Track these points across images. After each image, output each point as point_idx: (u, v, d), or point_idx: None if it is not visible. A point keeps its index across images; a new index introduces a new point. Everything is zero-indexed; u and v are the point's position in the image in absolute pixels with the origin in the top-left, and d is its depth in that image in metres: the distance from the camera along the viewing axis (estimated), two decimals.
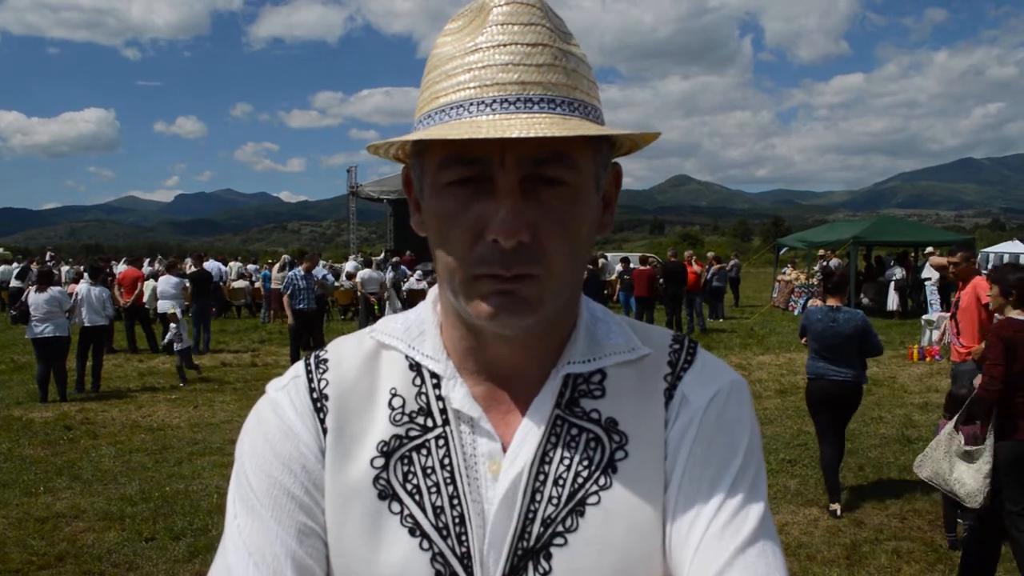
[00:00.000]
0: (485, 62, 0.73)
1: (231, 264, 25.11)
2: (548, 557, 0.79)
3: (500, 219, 0.72)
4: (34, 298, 9.87)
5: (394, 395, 0.85)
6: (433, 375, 0.86)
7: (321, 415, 0.84)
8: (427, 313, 0.90)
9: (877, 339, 5.67)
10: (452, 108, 0.74)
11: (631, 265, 17.45)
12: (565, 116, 0.73)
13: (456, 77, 0.74)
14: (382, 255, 23.96)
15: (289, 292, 11.64)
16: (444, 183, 0.75)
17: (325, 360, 0.89)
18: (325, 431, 0.84)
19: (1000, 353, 4.10)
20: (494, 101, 0.72)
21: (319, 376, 0.87)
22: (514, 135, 0.68)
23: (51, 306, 9.85)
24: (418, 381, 0.86)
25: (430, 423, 0.84)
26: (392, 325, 0.91)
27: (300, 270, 11.92)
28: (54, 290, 10.00)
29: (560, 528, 0.80)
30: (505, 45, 0.73)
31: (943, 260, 6.71)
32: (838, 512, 5.63)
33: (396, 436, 0.83)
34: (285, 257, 18.94)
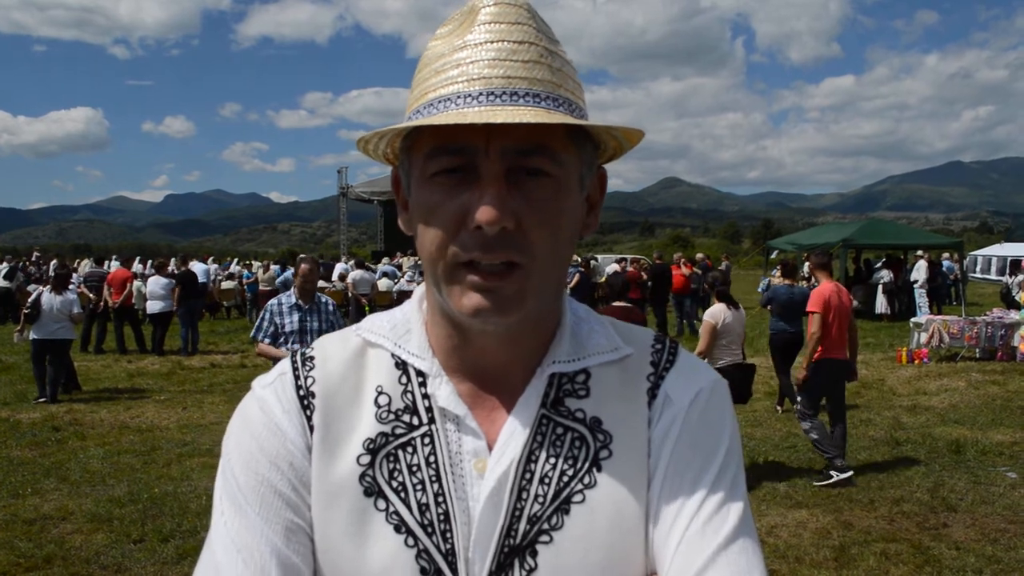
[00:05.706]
0: (472, 58, 0.76)
1: (239, 267, 24.89)
2: (534, 554, 0.80)
3: (484, 206, 0.73)
4: (49, 299, 9.86)
5: (380, 393, 0.86)
6: (419, 373, 0.87)
7: (308, 412, 0.85)
8: (413, 312, 0.91)
9: None
10: (440, 101, 0.76)
11: (626, 267, 17.47)
12: (550, 110, 0.76)
13: (444, 73, 0.77)
14: (405, 260, 23.60)
15: (267, 338, 6.04)
16: (430, 173, 0.78)
17: (312, 358, 0.89)
18: (312, 428, 0.85)
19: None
20: (480, 94, 0.75)
21: (306, 373, 0.88)
22: (500, 120, 0.71)
23: (65, 308, 9.93)
24: (404, 379, 0.87)
25: (416, 421, 0.85)
26: (378, 323, 0.92)
27: (280, 298, 6.24)
28: (69, 293, 10.07)
29: (546, 526, 0.81)
30: (492, 42, 0.77)
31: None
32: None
33: (382, 434, 0.84)
34: (275, 268, 18.63)
